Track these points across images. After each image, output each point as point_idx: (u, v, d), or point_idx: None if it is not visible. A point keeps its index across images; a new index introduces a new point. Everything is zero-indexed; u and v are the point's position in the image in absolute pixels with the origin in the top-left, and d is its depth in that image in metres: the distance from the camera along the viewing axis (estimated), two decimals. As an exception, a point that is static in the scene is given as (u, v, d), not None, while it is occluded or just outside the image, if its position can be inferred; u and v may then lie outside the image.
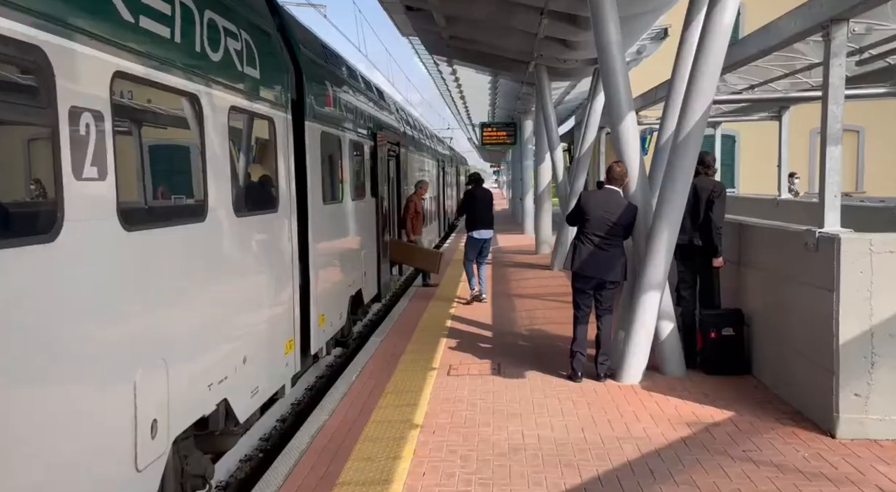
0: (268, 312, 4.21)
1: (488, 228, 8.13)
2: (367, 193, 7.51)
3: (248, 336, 3.86)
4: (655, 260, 4.55)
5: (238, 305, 3.74)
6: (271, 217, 4.34)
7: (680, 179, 4.46)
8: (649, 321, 4.65)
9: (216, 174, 3.46)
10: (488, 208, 8.11)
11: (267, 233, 4.29)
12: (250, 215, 3.99)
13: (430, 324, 7.04)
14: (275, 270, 4.38)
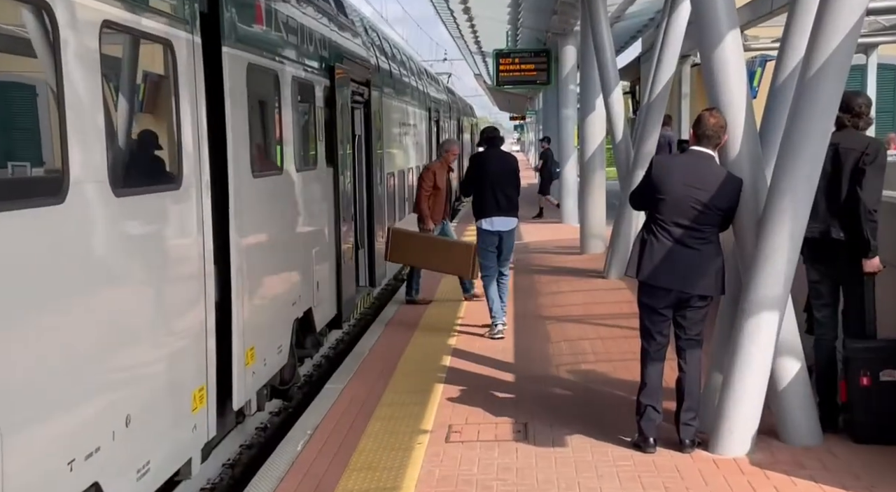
0: (164, 346, 4.18)
1: (507, 213, 7.62)
2: (319, 161, 7.47)
3: (131, 385, 3.83)
4: (771, 263, 4.49)
5: (115, 336, 3.68)
6: (170, 197, 4.30)
7: (812, 134, 4.38)
8: (761, 360, 4.58)
9: (81, 130, 3.38)
10: (509, 183, 7.62)
11: (163, 222, 4.25)
12: (137, 195, 3.94)
13: (419, 361, 7.01)
14: (175, 280, 4.34)
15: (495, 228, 7.60)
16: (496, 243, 7.65)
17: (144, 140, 4.28)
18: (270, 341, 5.88)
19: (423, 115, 16.15)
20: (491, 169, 7.62)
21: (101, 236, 3.60)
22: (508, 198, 7.58)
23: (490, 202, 7.57)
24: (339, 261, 7.98)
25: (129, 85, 4.12)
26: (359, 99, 9.40)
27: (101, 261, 3.58)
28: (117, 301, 3.70)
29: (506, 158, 7.84)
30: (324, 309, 7.51)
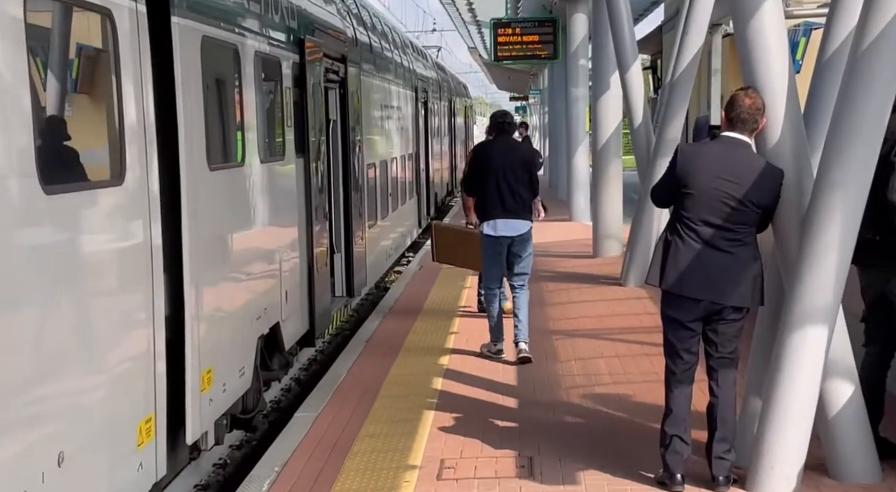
0: (103, 370, 4.13)
1: (515, 215, 7.30)
2: (288, 150, 7.43)
3: (64, 418, 3.77)
4: (818, 269, 4.46)
5: (44, 360, 3.62)
6: (111, 194, 4.24)
7: (866, 117, 4.35)
8: (808, 382, 4.55)
9: (2, 115, 3.32)
10: (518, 178, 7.29)
11: (102, 224, 4.20)
12: (71, 191, 3.88)
13: (405, 384, 6.97)
14: (117, 292, 4.29)
15: (499, 232, 7.27)
16: (501, 251, 7.35)
17: (77, 126, 4.22)
18: (231, 363, 5.83)
19: (408, 96, 16.14)
20: (496, 162, 7.30)
21: (29, 241, 3.55)
22: (517, 196, 7.24)
23: (494, 201, 7.24)
24: (311, 267, 7.93)
25: (61, 61, 4.06)
26: (333, 78, 9.37)
27: (28, 271, 3.53)
28: (46, 318, 3.65)
29: (516, 148, 7.58)
30: (293, 324, 7.46)
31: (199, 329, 5.19)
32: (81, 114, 4.32)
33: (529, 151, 7.44)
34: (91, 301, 4.06)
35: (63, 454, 3.67)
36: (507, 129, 7.55)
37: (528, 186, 7.32)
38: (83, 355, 3.95)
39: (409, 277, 12.18)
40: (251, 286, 6.38)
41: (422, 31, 44.29)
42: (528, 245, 7.43)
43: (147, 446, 4.48)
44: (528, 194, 7.34)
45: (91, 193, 4.10)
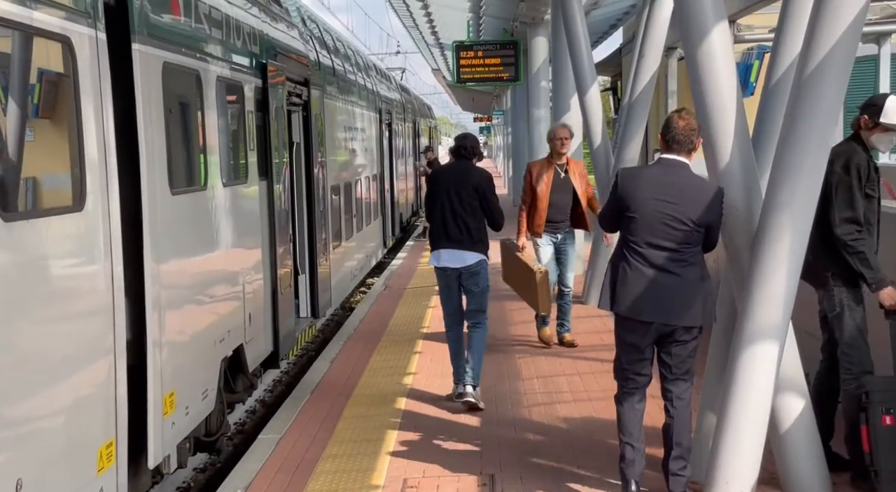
0: (62, 395, 4.08)
1: (461, 245, 6.65)
2: (251, 173, 7.42)
3: (22, 443, 3.72)
4: (769, 287, 4.53)
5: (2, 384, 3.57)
6: (71, 221, 4.21)
7: (811, 139, 4.43)
8: (760, 397, 4.61)
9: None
10: (466, 206, 6.63)
11: (62, 250, 4.17)
12: (30, 218, 3.86)
13: (369, 405, 6.96)
14: (77, 317, 4.26)
15: (442, 263, 6.71)
16: (451, 285, 6.78)
17: (40, 154, 4.20)
18: (194, 385, 5.80)
19: (372, 118, 16.17)
20: (443, 188, 6.71)
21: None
22: (462, 225, 6.62)
23: (439, 230, 6.72)
24: (275, 289, 7.91)
25: (20, 88, 4.04)
26: (296, 101, 9.38)
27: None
28: (6, 345, 3.61)
29: (468, 173, 6.77)
30: (257, 346, 7.43)
31: (162, 353, 5.16)
32: (41, 140, 4.30)
33: (483, 177, 6.74)
34: (51, 327, 4.02)
35: (21, 482, 3.62)
36: (463, 153, 6.89)
37: (476, 214, 6.65)
38: (42, 381, 3.91)
39: (374, 298, 12.17)
40: (214, 309, 6.35)
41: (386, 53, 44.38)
42: (479, 279, 6.73)
43: (108, 471, 4.43)
44: (477, 224, 6.66)
45: (51, 219, 4.07)
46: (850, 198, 4.86)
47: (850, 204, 4.86)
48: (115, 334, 4.56)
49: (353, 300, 13.60)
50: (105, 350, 4.48)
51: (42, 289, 3.97)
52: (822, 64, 4.33)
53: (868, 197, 4.90)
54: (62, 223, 4.16)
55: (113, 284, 4.55)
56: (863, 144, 4.98)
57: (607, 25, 20.43)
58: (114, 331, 4.55)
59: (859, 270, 4.84)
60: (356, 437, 6.21)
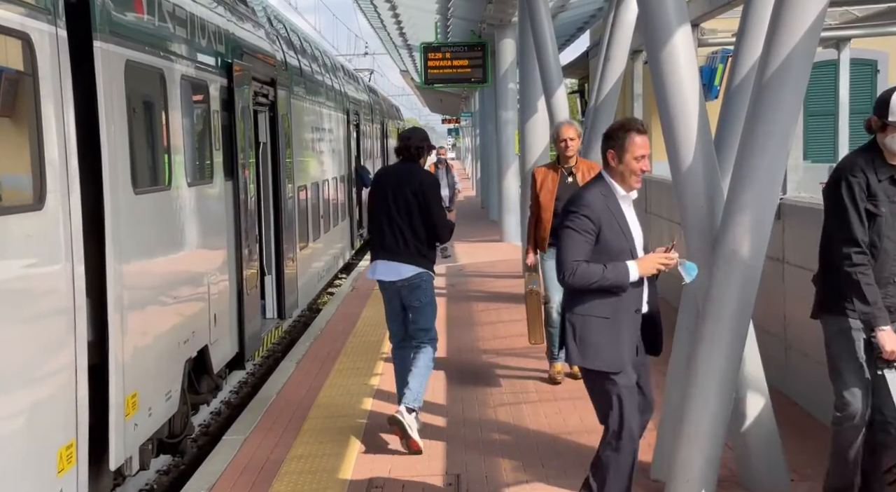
0: (20, 396, 4.03)
1: (398, 257, 5.92)
2: (216, 173, 7.37)
3: (-18, 444, 3.64)
4: (728, 290, 4.57)
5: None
6: (30, 220, 4.15)
7: (774, 141, 4.45)
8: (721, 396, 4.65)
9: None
10: (405, 212, 5.88)
11: (21, 249, 4.12)
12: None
13: (336, 406, 6.95)
14: (36, 317, 4.21)
15: (378, 276, 6.01)
16: (392, 299, 6.06)
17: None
18: (157, 386, 5.74)
19: (340, 119, 16.12)
20: (383, 193, 5.99)
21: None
22: (399, 235, 5.90)
23: (375, 239, 6.06)
24: (240, 290, 7.86)
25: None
26: (263, 101, 9.33)
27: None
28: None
29: (409, 176, 5.97)
30: (222, 347, 7.38)
31: (124, 353, 5.11)
32: (0, 137, 4.24)
33: (426, 179, 6.00)
34: (10, 327, 3.97)
35: (-21, 483, 3.57)
36: (412, 153, 6.08)
37: (415, 223, 5.90)
38: (1, 381, 3.86)
39: (341, 299, 12.13)
40: (178, 309, 6.29)
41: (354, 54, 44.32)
42: (420, 293, 5.98)
43: (68, 472, 4.38)
44: (415, 234, 5.90)
45: (9, 218, 4.01)
46: (844, 218, 4.22)
47: (844, 224, 4.21)
48: (75, 335, 4.50)
49: (320, 301, 13.54)
50: (66, 351, 4.42)
51: (2, 287, 3.91)
52: (782, 67, 4.37)
53: (871, 215, 4.20)
54: (21, 222, 4.10)
55: (74, 284, 4.50)
56: (879, 153, 4.28)
57: (574, 28, 20.51)
58: (74, 331, 4.50)
59: (852, 301, 4.17)
60: (322, 438, 6.18)
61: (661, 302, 4.66)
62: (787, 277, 6.52)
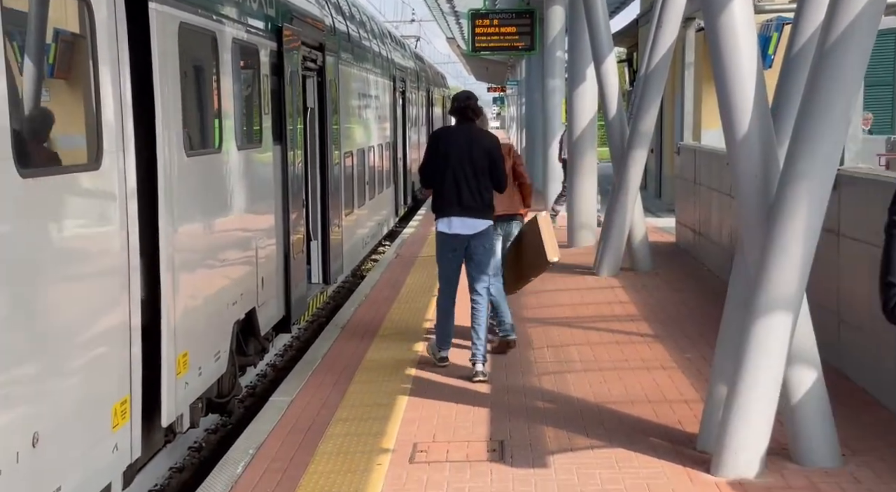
0: (78, 352, 4.12)
1: (473, 212, 6.53)
2: (265, 138, 7.41)
3: (39, 398, 3.76)
4: (785, 258, 4.52)
5: (19, 341, 3.62)
6: (87, 179, 4.22)
7: (832, 110, 4.39)
8: (773, 368, 4.62)
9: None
10: (478, 170, 6.50)
11: (79, 207, 4.18)
12: (47, 175, 3.87)
13: (380, 370, 7.00)
14: (93, 276, 4.29)
15: (453, 230, 6.56)
16: (458, 251, 6.63)
17: (56, 111, 4.20)
18: (207, 347, 5.83)
19: (386, 86, 16.09)
20: (452, 151, 6.50)
21: (3, 224, 3.53)
22: (476, 192, 6.50)
23: (451, 197, 6.52)
24: (287, 254, 7.92)
25: (37, 46, 4.04)
26: (311, 66, 9.34)
27: (3, 253, 3.51)
28: (21, 300, 3.64)
29: (477, 137, 6.60)
30: (269, 310, 7.46)
31: (175, 313, 5.19)
32: (58, 99, 4.30)
33: (491, 140, 6.63)
34: (68, 284, 4.05)
35: (37, 435, 3.66)
36: (469, 115, 6.65)
37: (490, 179, 6.56)
38: (59, 337, 3.94)
39: (385, 266, 12.19)
40: (227, 272, 6.37)
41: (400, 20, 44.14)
42: (487, 242, 6.68)
43: (122, 427, 4.48)
44: (487, 189, 6.57)
45: (67, 177, 4.08)
46: None
47: None
48: (129, 294, 4.58)
49: (364, 268, 13.63)
50: (120, 309, 4.50)
51: (59, 245, 3.99)
52: (844, 36, 4.29)
53: None
54: (78, 181, 4.16)
55: (128, 244, 4.57)
56: None
57: (626, -5, 20.21)
58: (129, 290, 4.57)
59: None
60: (367, 401, 6.24)
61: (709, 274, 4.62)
62: (843, 250, 6.41)
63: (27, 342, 3.67)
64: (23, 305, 3.65)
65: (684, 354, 7.09)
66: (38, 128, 4.02)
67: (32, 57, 3.95)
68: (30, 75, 3.91)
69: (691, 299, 9.24)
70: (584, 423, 5.67)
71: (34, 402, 3.71)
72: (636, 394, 6.21)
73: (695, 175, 11.64)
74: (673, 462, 4.94)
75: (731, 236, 9.55)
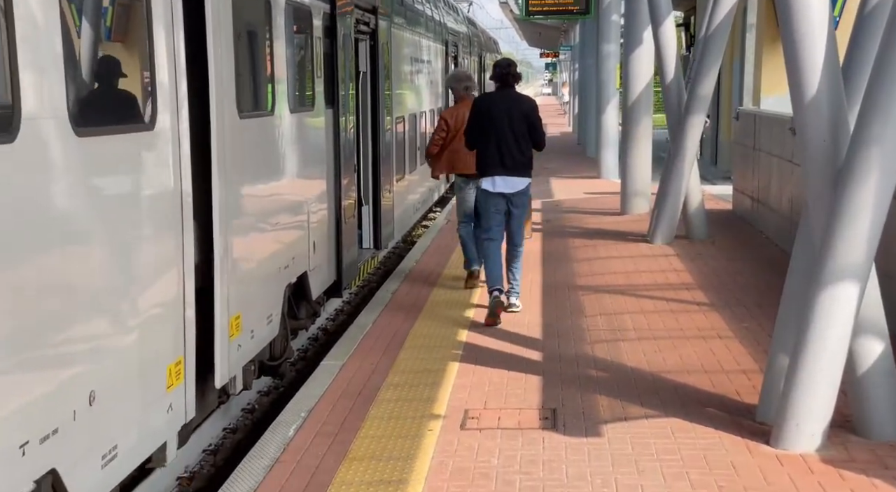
0: (133, 313, 4.14)
1: (514, 171, 7.23)
2: (317, 101, 7.38)
3: (95, 357, 3.80)
4: (854, 225, 4.37)
5: (75, 301, 3.64)
6: (141, 139, 4.22)
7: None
8: (838, 338, 4.49)
9: (36, 58, 3.29)
10: (518, 133, 7.17)
11: (133, 168, 4.19)
12: (102, 135, 3.88)
13: (431, 335, 6.98)
14: (147, 237, 4.30)
15: (497, 189, 7.23)
16: (500, 207, 7.31)
17: (111, 72, 4.20)
18: (259, 310, 5.86)
19: (439, 50, 15.96)
20: (497, 117, 7.12)
21: (59, 183, 3.54)
22: (517, 153, 7.16)
23: (494, 158, 7.17)
24: (338, 219, 7.92)
25: (95, 8, 4.03)
26: (364, 29, 9.26)
27: (59, 213, 3.53)
28: (77, 260, 3.66)
29: (518, 102, 7.27)
30: (321, 274, 7.47)
31: (228, 276, 5.20)
32: (113, 60, 4.28)
33: (530, 103, 7.32)
34: (122, 244, 4.06)
35: (94, 393, 3.70)
36: (510, 81, 7.31)
37: (525, 140, 7.21)
38: (114, 298, 3.97)
39: (436, 232, 12.15)
40: (279, 235, 6.38)
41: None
42: (526, 199, 7.46)
43: (176, 388, 4.52)
44: (529, 150, 7.28)
45: (121, 137, 4.08)
46: None
47: None
48: (183, 255, 4.59)
49: (415, 234, 13.61)
50: (174, 270, 4.52)
51: (114, 205, 4.00)
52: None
53: None
54: (132, 141, 4.16)
55: (182, 205, 4.57)
56: None
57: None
58: (182, 251, 4.59)
59: None
60: (417, 367, 6.23)
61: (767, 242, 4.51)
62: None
63: (83, 301, 3.69)
64: (79, 265, 3.66)
65: (741, 324, 6.95)
66: (94, 88, 4.02)
67: (90, 19, 3.95)
68: (87, 37, 3.91)
69: (748, 268, 9.05)
70: (638, 392, 5.59)
71: (90, 361, 3.74)
72: (692, 363, 6.11)
73: (754, 141, 11.37)
74: (731, 433, 4.86)
75: (791, 204, 9.32)
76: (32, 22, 3.30)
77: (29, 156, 3.30)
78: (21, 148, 3.23)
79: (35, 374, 3.36)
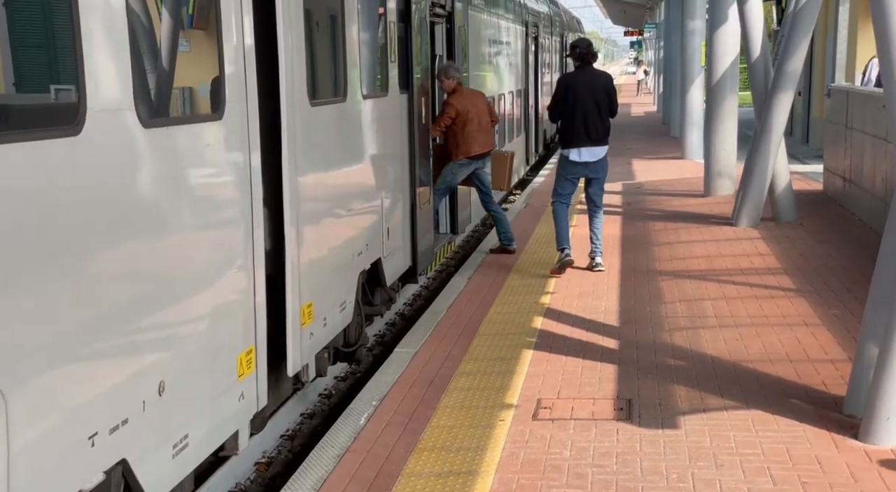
0: (204, 301, 4.16)
1: (598, 143, 8.17)
2: (392, 86, 7.32)
3: (165, 347, 3.82)
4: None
5: (144, 290, 3.66)
6: (211, 129, 4.22)
7: None
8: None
9: (101, 48, 3.30)
10: (600, 108, 8.09)
11: (202, 157, 4.20)
12: (170, 126, 3.89)
13: (505, 322, 6.91)
14: (217, 225, 4.31)
15: (583, 159, 8.17)
16: (580, 172, 8.27)
17: (178, 62, 4.20)
18: (332, 297, 5.85)
19: (518, 31, 15.75)
20: (581, 93, 8.02)
21: (128, 174, 3.56)
22: (599, 125, 8.07)
23: (579, 131, 8.06)
24: (413, 204, 7.88)
25: None
26: (440, 12, 9.17)
27: (128, 203, 3.54)
28: (146, 249, 3.68)
29: (598, 78, 8.18)
30: (395, 260, 7.45)
31: (300, 264, 5.20)
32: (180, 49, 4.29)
33: (608, 79, 8.28)
34: (192, 234, 4.08)
35: (164, 383, 3.73)
36: (590, 59, 8.17)
37: (605, 114, 8.13)
38: (183, 287, 3.99)
39: (514, 215, 12.03)
40: (352, 222, 6.36)
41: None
42: (606, 165, 8.35)
43: (248, 377, 4.53)
44: (608, 120, 8.19)
45: (190, 127, 4.09)
46: None
47: None
48: (254, 244, 4.59)
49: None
50: (245, 259, 4.53)
51: (183, 195, 4.01)
52: None
53: None
54: (201, 131, 4.17)
55: (252, 194, 4.57)
56: None
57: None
58: (252, 240, 4.59)
59: None
60: (490, 355, 6.16)
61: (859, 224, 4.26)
62: None
63: (152, 293, 3.71)
64: (148, 256, 3.68)
65: (830, 310, 6.66)
66: (160, 79, 4.03)
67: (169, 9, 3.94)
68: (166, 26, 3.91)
69: (839, 251, 8.69)
70: (718, 382, 5.41)
71: (159, 351, 3.76)
72: (776, 352, 5.88)
73: (847, 119, 10.89)
74: (816, 426, 4.66)
75: (885, 183, 8.91)
76: (96, 8, 3.29)
77: (95, 148, 3.31)
78: (86, 140, 3.24)
79: (105, 364, 3.39)
